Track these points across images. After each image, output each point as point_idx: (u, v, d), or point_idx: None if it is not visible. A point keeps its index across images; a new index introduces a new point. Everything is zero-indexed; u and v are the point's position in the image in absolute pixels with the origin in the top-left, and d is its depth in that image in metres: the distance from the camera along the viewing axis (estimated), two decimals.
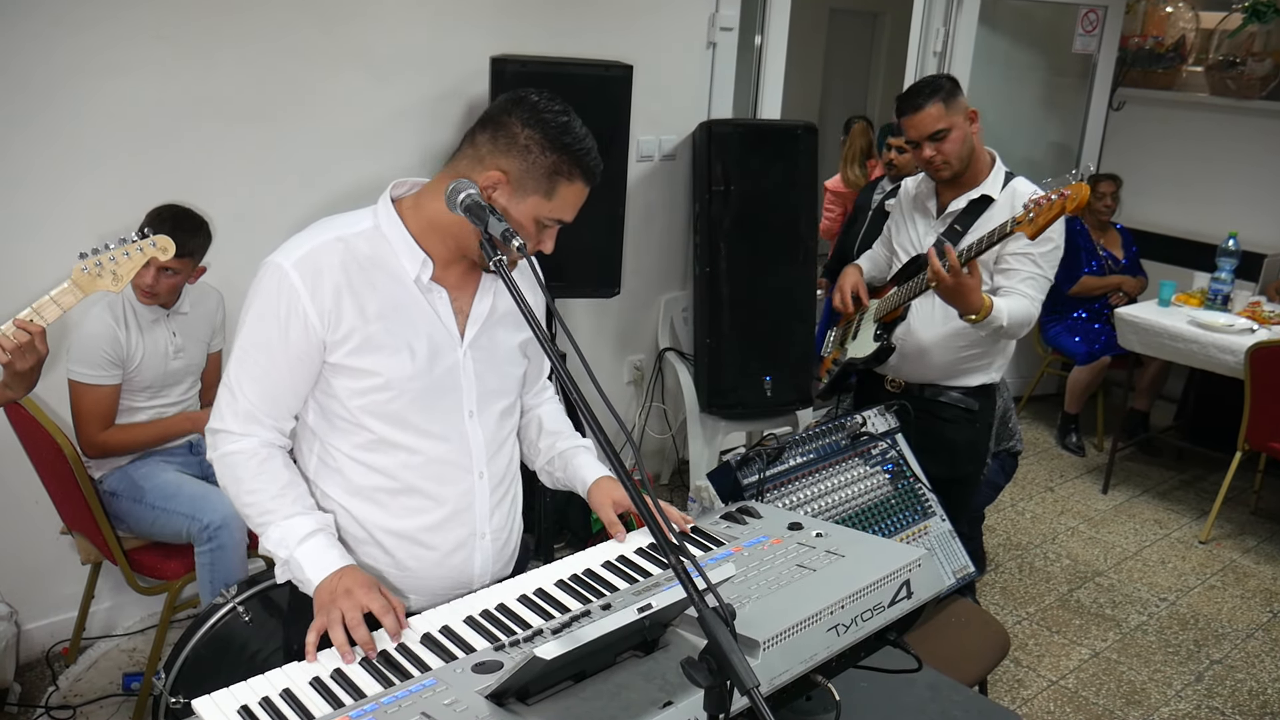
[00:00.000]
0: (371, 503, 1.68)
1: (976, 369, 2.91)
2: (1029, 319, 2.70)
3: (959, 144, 2.73)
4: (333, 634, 1.42)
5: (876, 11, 8.95)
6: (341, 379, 1.62)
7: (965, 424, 2.94)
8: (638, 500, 1.27)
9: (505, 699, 1.22)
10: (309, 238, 1.60)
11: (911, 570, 1.52)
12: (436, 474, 1.68)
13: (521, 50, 3.63)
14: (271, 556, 1.63)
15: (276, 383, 1.61)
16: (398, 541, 1.69)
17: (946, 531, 2.69)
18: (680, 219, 4.35)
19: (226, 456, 1.63)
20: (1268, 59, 5.33)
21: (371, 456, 1.65)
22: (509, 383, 1.78)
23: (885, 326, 2.95)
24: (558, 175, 1.57)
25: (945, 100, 2.70)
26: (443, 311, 1.65)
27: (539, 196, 1.57)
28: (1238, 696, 3.35)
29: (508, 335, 1.75)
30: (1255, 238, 5.19)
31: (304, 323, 1.56)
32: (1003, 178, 2.80)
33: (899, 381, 2.98)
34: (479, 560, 1.75)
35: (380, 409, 1.63)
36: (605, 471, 1.86)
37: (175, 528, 2.82)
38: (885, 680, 1.74)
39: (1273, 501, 4.82)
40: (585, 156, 1.59)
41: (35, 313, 1.83)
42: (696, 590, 1.12)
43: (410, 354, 1.62)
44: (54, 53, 2.85)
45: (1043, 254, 2.70)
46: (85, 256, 1.85)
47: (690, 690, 1.21)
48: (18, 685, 3.01)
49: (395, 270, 1.61)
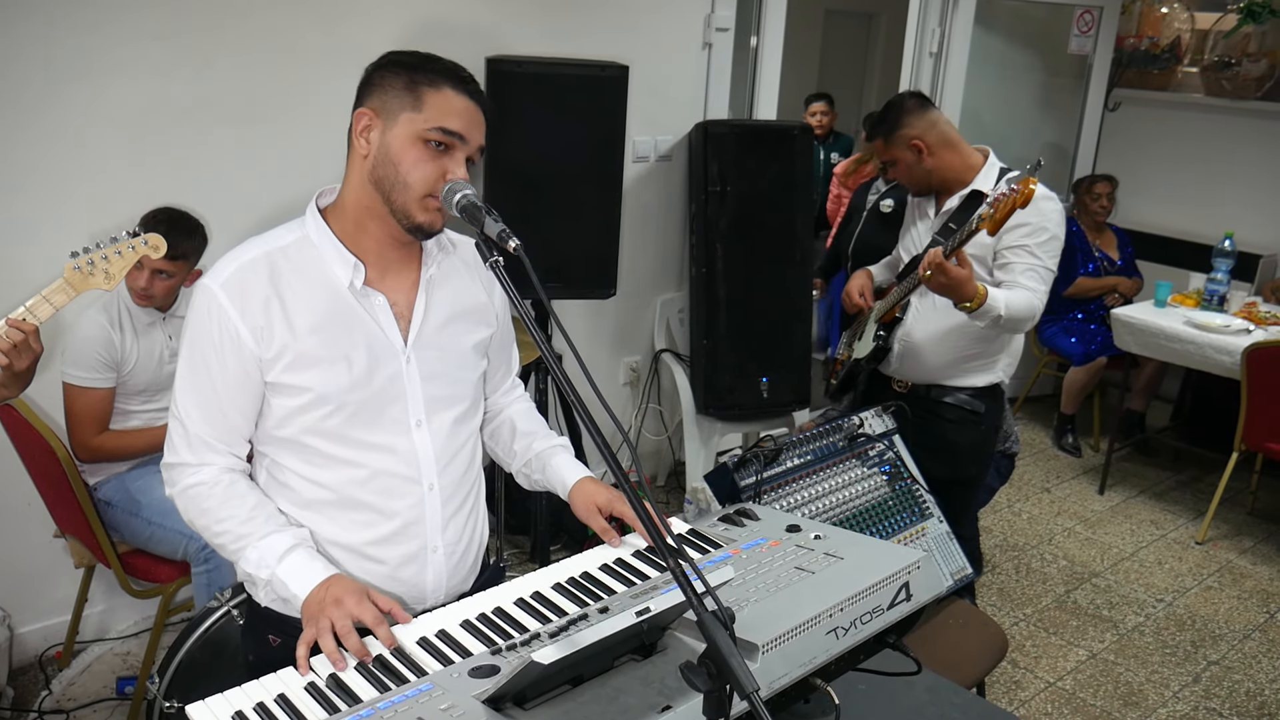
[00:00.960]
0: (320, 515, 1.63)
1: (979, 368, 2.90)
2: (1031, 310, 2.68)
3: (907, 171, 2.83)
4: (323, 642, 1.39)
5: (871, 12, 8.96)
6: (279, 397, 1.57)
7: (969, 425, 2.93)
8: (636, 505, 1.25)
9: (502, 704, 1.21)
10: (235, 256, 1.57)
11: (910, 572, 1.51)
12: (384, 487, 1.63)
13: (517, 51, 3.62)
14: (251, 581, 1.60)
15: (223, 406, 1.57)
16: (346, 554, 1.64)
17: (944, 533, 2.68)
18: (676, 220, 4.34)
19: (187, 490, 1.60)
20: (1263, 59, 5.33)
21: (316, 472, 1.61)
22: (461, 388, 1.71)
23: (885, 326, 2.97)
24: (418, 85, 1.52)
25: (885, 136, 2.83)
26: (382, 318, 1.60)
27: (408, 112, 1.51)
28: (1235, 697, 3.35)
29: (459, 336, 1.69)
30: (1251, 238, 5.20)
31: (237, 343, 1.53)
32: (996, 173, 2.80)
33: (905, 383, 2.98)
34: (431, 575, 1.70)
35: (318, 425, 1.58)
36: (585, 472, 1.82)
37: (171, 545, 2.81)
38: (884, 683, 1.73)
39: (1269, 502, 4.82)
40: (443, 63, 1.54)
41: (28, 311, 1.82)
42: (695, 594, 1.11)
43: (348, 365, 1.57)
44: (52, 54, 2.83)
45: (1039, 244, 2.69)
46: (77, 255, 1.84)
47: (689, 694, 1.20)
48: (10, 689, 2.99)
49: (328, 279, 1.57)
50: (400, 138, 1.51)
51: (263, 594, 1.59)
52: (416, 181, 1.51)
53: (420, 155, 1.51)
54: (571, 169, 3.50)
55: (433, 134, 1.51)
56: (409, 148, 1.51)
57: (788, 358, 4.16)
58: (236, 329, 1.53)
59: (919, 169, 2.81)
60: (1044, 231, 2.68)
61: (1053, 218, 2.69)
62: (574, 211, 3.52)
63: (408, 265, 1.64)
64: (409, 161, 1.51)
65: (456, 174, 1.52)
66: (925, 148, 2.78)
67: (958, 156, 2.82)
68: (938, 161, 2.80)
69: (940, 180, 2.83)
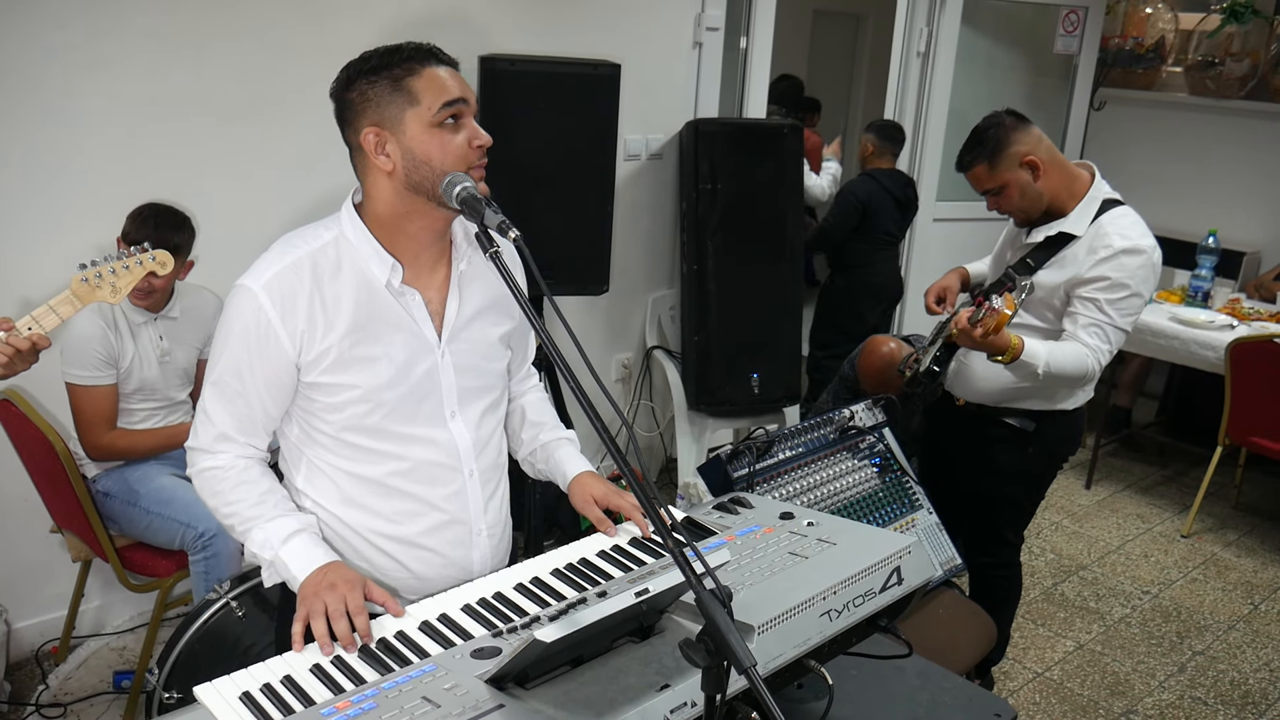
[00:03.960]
0: (366, 511, 1.68)
1: (1034, 398, 2.70)
2: (1082, 369, 2.47)
3: (1015, 198, 2.57)
4: (314, 625, 1.42)
5: (859, 13, 9.02)
6: (320, 396, 1.61)
7: (1014, 445, 2.76)
8: (635, 485, 1.28)
9: (505, 683, 1.24)
10: (277, 257, 1.58)
11: (902, 557, 1.54)
12: (427, 477, 1.69)
13: (510, 49, 3.64)
14: (257, 561, 1.64)
15: (250, 405, 1.61)
16: (400, 547, 1.69)
17: (934, 524, 2.73)
18: (667, 217, 4.37)
19: (204, 473, 1.65)
20: (1245, 59, 5.40)
21: (359, 467, 1.65)
22: (491, 378, 1.76)
23: (948, 348, 2.82)
24: (401, 81, 1.53)
25: (990, 159, 2.55)
26: (418, 315, 1.64)
27: (409, 109, 1.52)
28: (1220, 687, 3.40)
29: (487, 329, 1.73)
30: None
31: (275, 346, 1.56)
32: (1095, 209, 2.57)
33: (962, 401, 2.84)
34: (478, 556, 1.76)
35: (359, 423, 1.62)
36: (586, 466, 1.87)
37: (169, 534, 2.82)
38: (875, 668, 1.77)
39: (1253, 496, 4.88)
40: (403, 50, 1.55)
41: (34, 320, 1.83)
42: (694, 573, 1.14)
43: (388, 362, 1.61)
44: (46, 52, 2.84)
45: (1111, 300, 2.47)
46: (85, 267, 1.85)
47: (687, 673, 1.23)
48: (7, 684, 3.00)
49: (366, 278, 1.60)
50: (416, 136, 1.53)
51: (267, 574, 1.63)
52: (454, 162, 1.53)
53: (443, 139, 1.53)
54: (564, 167, 3.52)
55: (442, 113, 1.52)
56: (430, 139, 1.53)
57: (778, 354, 4.19)
58: (277, 332, 1.55)
59: (1032, 191, 2.55)
60: (1122, 289, 2.47)
61: (1137, 274, 2.47)
62: (566, 209, 3.54)
63: (440, 261, 1.68)
64: (437, 150, 1.53)
65: (481, 136, 1.56)
66: (1040, 165, 2.53)
67: (1066, 176, 2.60)
68: (1049, 182, 2.56)
69: (1051, 203, 2.58)
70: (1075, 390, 2.71)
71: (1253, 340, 4.17)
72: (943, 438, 2.96)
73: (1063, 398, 2.71)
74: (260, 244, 1.63)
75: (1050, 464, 2.88)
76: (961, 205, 5.20)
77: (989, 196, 2.62)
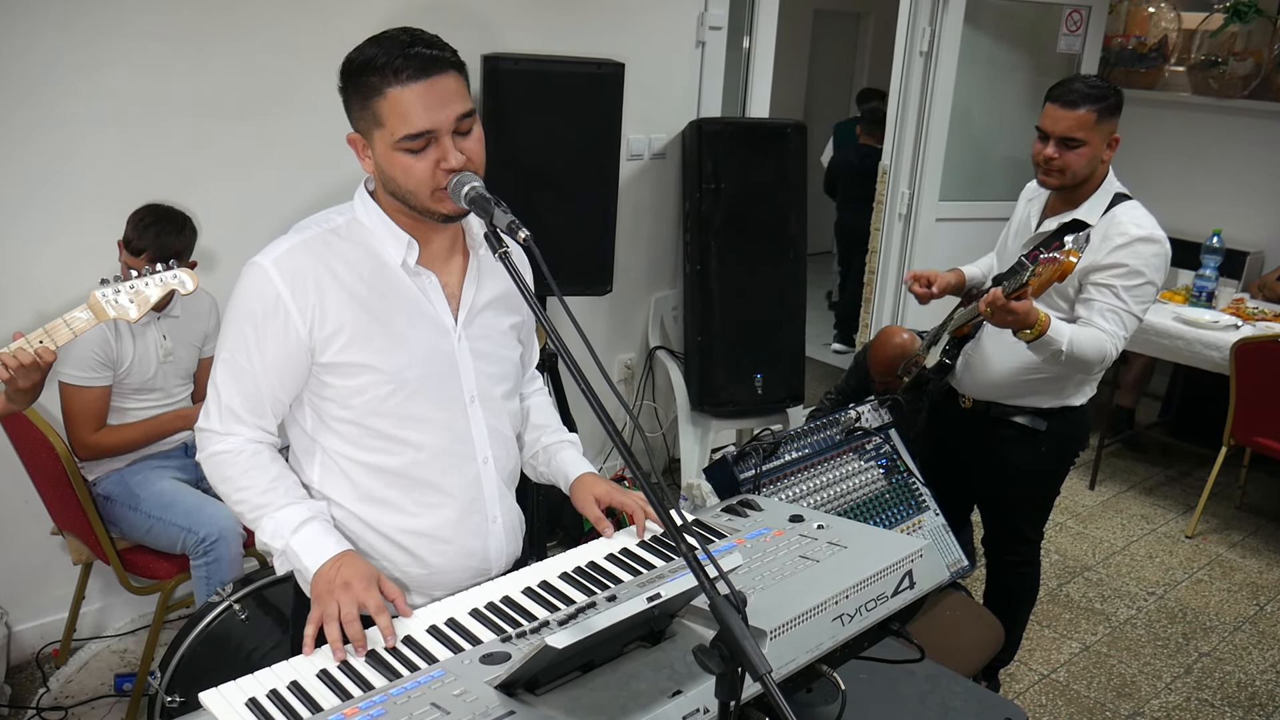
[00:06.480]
0: (384, 506, 1.66)
1: (1045, 390, 2.70)
2: (1100, 353, 2.46)
3: (1083, 160, 2.53)
4: (328, 629, 1.41)
5: (860, 12, 9.02)
6: (336, 378, 1.59)
7: (1026, 444, 2.76)
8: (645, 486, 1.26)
9: (514, 689, 1.22)
10: (290, 236, 1.59)
11: (914, 561, 1.53)
12: (445, 466, 1.67)
13: (513, 48, 3.63)
14: (268, 549, 1.62)
15: (258, 383, 1.59)
16: (418, 541, 1.68)
17: (940, 526, 2.71)
18: (670, 217, 4.36)
19: (213, 457, 1.63)
20: (1249, 58, 5.38)
21: (376, 457, 1.64)
22: (507, 367, 1.76)
23: (956, 342, 2.83)
24: (369, 100, 1.49)
25: (1100, 113, 2.49)
26: (434, 296, 1.63)
27: (376, 130, 1.50)
28: (1226, 688, 3.38)
29: (500, 318, 1.73)
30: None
31: (285, 322, 1.55)
32: (1107, 201, 2.59)
33: (968, 399, 2.84)
34: (494, 545, 1.75)
35: (379, 406, 1.60)
36: (588, 468, 1.86)
37: (171, 538, 2.81)
38: (886, 671, 1.75)
39: (1258, 496, 4.87)
40: (375, 60, 1.47)
41: (47, 334, 1.81)
42: (708, 578, 1.12)
43: (405, 341, 1.60)
44: (48, 52, 2.83)
45: (1127, 287, 2.49)
46: (106, 283, 1.84)
47: (699, 679, 1.22)
48: (8, 687, 2.99)
49: (381, 257, 1.59)
50: (383, 155, 1.52)
51: (279, 563, 1.62)
52: (417, 185, 1.52)
53: (407, 162, 1.50)
54: (567, 166, 3.51)
55: (401, 144, 1.49)
56: (395, 160, 1.51)
57: (781, 354, 4.18)
58: (287, 308, 1.54)
59: (1094, 164, 2.55)
60: (1138, 276, 2.49)
61: (1151, 262, 2.49)
62: (570, 208, 3.53)
63: (455, 249, 1.68)
64: (400, 171, 1.51)
65: (450, 160, 1.49)
66: (1115, 149, 2.56)
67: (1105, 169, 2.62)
68: (1104, 168, 2.59)
69: (1085, 185, 2.60)
70: (1082, 384, 2.72)
71: (1257, 340, 4.16)
72: (952, 440, 2.94)
73: (1070, 392, 2.72)
74: (261, 244, 1.62)
75: (1063, 460, 2.87)
76: (964, 205, 5.18)
77: (1056, 144, 2.53)
